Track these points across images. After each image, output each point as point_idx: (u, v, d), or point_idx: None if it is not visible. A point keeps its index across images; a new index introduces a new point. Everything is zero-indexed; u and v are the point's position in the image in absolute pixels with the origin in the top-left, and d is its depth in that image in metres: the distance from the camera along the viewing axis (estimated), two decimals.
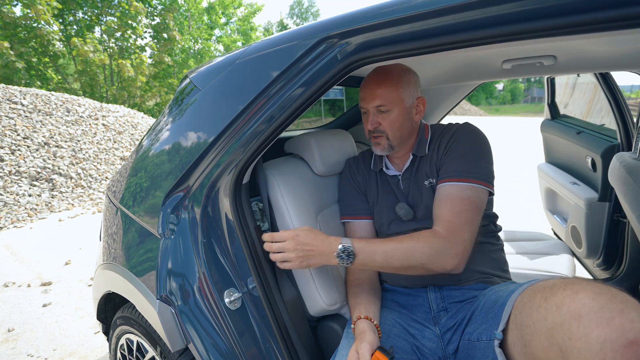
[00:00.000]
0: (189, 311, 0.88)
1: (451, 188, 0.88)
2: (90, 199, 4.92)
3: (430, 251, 0.81)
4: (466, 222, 0.84)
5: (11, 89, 5.90)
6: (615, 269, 1.74)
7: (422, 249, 0.82)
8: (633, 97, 10.88)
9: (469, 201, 0.85)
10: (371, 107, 0.95)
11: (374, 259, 0.84)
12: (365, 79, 0.99)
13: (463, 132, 0.95)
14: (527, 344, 0.60)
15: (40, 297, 2.51)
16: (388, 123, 0.95)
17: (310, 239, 0.84)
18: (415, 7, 0.62)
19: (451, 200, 0.86)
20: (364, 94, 0.97)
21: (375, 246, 0.85)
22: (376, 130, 0.96)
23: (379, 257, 0.84)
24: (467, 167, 0.88)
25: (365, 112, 0.98)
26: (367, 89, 0.96)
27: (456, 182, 0.87)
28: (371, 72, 0.99)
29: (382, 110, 0.94)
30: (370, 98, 0.95)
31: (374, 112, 0.96)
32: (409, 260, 0.82)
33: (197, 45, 19.09)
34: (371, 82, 0.96)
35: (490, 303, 0.78)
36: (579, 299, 0.53)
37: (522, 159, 7.42)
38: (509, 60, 1.11)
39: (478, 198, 0.86)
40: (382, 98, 0.93)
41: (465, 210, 0.84)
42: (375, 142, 0.98)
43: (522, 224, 3.60)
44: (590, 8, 0.51)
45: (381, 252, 0.83)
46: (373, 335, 0.79)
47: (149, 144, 1.13)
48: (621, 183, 1.31)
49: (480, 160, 0.89)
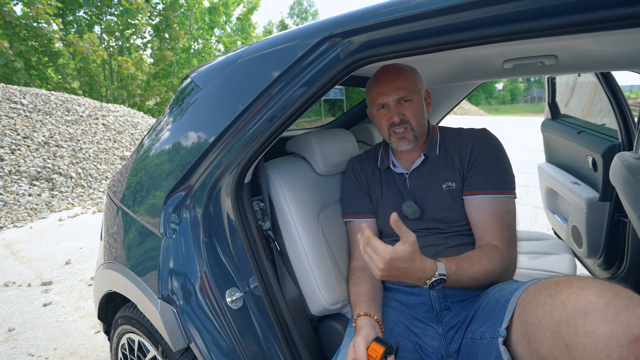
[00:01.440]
0: (191, 310, 0.88)
1: (494, 202, 0.92)
2: (91, 199, 4.92)
3: (502, 270, 0.86)
4: (514, 235, 0.92)
5: (11, 88, 5.90)
6: (616, 269, 1.74)
7: (495, 269, 0.85)
8: (633, 96, 10.88)
9: (512, 214, 0.93)
10: (393, 100, 0.96)
11: (457, 282, 0.83)
12: (379, 76, 0.99)
13: (488, 139, 0.98)
14: (532, 341, 0.60)
15: (41, 296, 2.51)
16: (411, 112, 0.97)
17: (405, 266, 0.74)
18: (418, 6, 0.62)
19: (498, 215, 0.91)
20: (383, 89, 0.97)
21: (463, 272, 0.82)
22: (402, 121, 0.96)
23: (464, 281, 0.83)
24: (502, 177, 0.94)
25: (385, 107, 0.98)
26: (386, 83, 0.96)
27: (496, 194, 0.92)
28: (382, 69, 1.00)
29: (405, 100, 0.96)
30: (391, 91, 0.96)
31: (395, 104, 0.96)
32: (487, 280, 0.85)
33: (198, 45, 19.08)
34: (388, 76, 0.97)
35: (493, 301, 0.78)
36: (585, 295, 0.53)
37: (522, 158, 7.42)
38: (510, 60, 1.11)
39: (514, 208, 0.94)
40: (405, 89, 0.95)
41: (512, 224, 0.92)
42: (400, 136, 0.97)
43: (522, 224, 3.60)
44: (592, 7, 0.51)
45: (467, 278, 0.82)
46: (370, 330, 0.79)
47: (150, 144, 1.13)
48: (623, 183, 1.31)
49: (509, 170, 0.96)
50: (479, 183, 0.94)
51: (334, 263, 1.05)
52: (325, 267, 1.02)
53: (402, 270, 0.74)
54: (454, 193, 0.97)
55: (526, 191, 4.82)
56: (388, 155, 1.07)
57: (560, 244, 1.72)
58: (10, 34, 10.49)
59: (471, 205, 0.94)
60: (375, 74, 1.01)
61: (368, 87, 1.03)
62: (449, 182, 0.97)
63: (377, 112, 1.00)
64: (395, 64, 1.00)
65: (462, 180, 0.97)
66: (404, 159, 1.05)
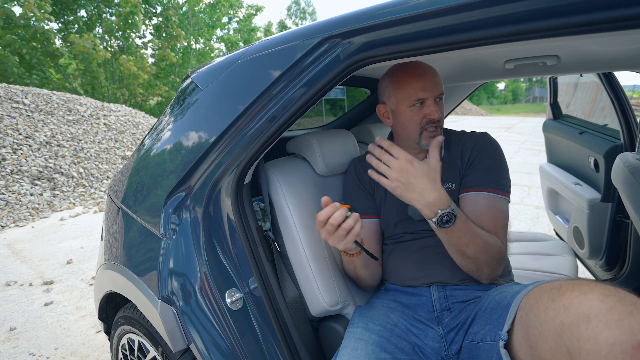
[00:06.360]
0: (191, 311, 0.88)
1: (489, 200, 0.91)
2: (92, 198, 4.93)
3: (499, 256, 0.86)
4: (506, 236, 0.91)
5: (13, 88, 5.92)
6: (618, 270, 1.73)
7: (494, 247, 0.85)
8: (635, 97, 10.84)
9: (505, 215, 0.92)
10: (434, 96, 0.94)
11: (461, 235, 0.81)
12: (413, 71, 0.94)
13: (487, 142, 0.99)
14: (534, 345, 0.59)
15: (42, 296, 2.52)
16: (442, 112, 0.96)
17: (422, 179, 0.72)
18: (419, 6, 0.62)
19: (492, 212, 0.90)
20: (425, 84, 0.92)
21: (469, 226, 0.82)
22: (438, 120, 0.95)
23: (466, 238, 0.81)
24: (498, 178, 0.93)
25: (423, 103, 0.94)
26: (427, 78, 0.93)
27: (491, 193, 0.91)
28: (414, 64, 0.95)
29: (440, 99, 0.95)
30: (433, 87, 0.93)
31: (434, 101, 0.94)
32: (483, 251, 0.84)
33: (198, 45, 19.10)
34: (428, 71, 0.94)
35: (494, 304, 0.78)
36: (588, 300, 0.53)
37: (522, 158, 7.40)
38: (512, 60, 1.10)
39: (507, 211, 0.94)
40: (441, 87, 0.95)
41: (505, 225, 0.91)
42: (435, 134, 0.95)
43: (523, 224, 3.59)
44: (594, 8, 0.50)
45: (469, 236, 0.81)
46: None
47: (151, 144, 1.13)
48: (624, 184, 1.30)
49: (505, 173, 0.96)
50: (475, 180, 0.94)
51: (333, 264, 1.05)
52: (325, 268, 1.02)
53: (418, 183, 0.72)
54: (453, 194, 0.96)
55: (528, 191, 4.81)
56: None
57: (562, 244, 1.72)
58: (10, 34, 10.52)
59: (466, 201, 0.94)
60: (405, 68, 0.95)
61: (399, 81, 0.95)
62: (449, 183, 0.97)
63: (411, 108, 0.94)
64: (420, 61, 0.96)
65: (460, 180, 0.97)
66: None
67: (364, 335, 0.84)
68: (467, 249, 0.83)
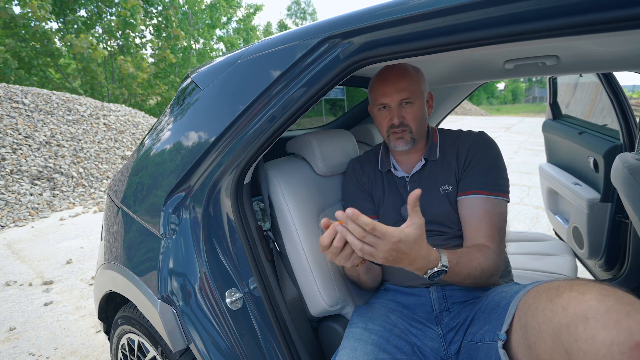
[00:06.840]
0: (190, 311, 0.88)
1: (487, 203, 0.91)
2: (92, 198, 4.93)
3: (494, 270, 0.86)
4: (504, 238, 0.92)
5: (13, 88, 5.91)
6: (617, 270, 1.73)
7: (490, 268, 0.85)
8: (635, 97, 10.85)
9: (503, 217, 0.92)
10: (395, 102, 0.95)
11: (455, 277, 0.80)
12: (381, 76, 0.98)
13: (484, 142, 0.98)
14: (532, 345, 0.59)
15: (42, 296, 2.52)
16: (412, 116, 0.96)
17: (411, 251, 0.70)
18: (419, 6, 0.62)
19: (490, 216, 0.90)
20: (386, 90, 0.96)
21: (462, 267, 0.80)
22: (401, 124, 0.96)
23: (461, 276, 0.81)
24: (495, 179, 0.93)
25: (386, 108, 0.98)
26: (389, 83, 0.95)
27: (489, 195, 0.91)
28: (385, 69, 0.99)
29: (407, 103, 0.95)
30: (394, 92, 0.94)
31: (397, 106, 0.96)
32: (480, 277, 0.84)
33: (198, 45, 19.09)
34: (391, 76, 0.96)
35: (493, 304, 0.78)
36: (586, 300, 0.53)
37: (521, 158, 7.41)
38: (512, 61, 1.11)
39: (506, 212, 0.94)
40: (408, 91, 0.94)
41: (502, 227, 0.91)
42: (398, 137, 0.97)
43: (523, 224, 3.59)
44: (594, 8, 0.50)
45: (464, 273, 0.80)
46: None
47: (151, 144, 1.13)
48: (624, 184, 1.30)
49: (503, 173, 0.96)
50: (472, 183, 0.94)
51: (333, 264, 1.05)
52: (324, 268, 1.02)
53: (408, 255, 0.71)
54: (450, 196, 0.97)
55: (527, 191, 4.81)
56: (389, 158, 1.07)
57: (561, 244, 1.72)
58: (11, 33, 10.52)
59: (464, 204, 0.94)
60: (380, 72, 1.00)
61: (371, 84, 1.02)
62: (446, 185, 0.97)
63: (378, 111, 1.00)
64: (401, 63, 0.98)
65: (457, 182, 0.97)
66: (404, 162, 1.05)
67: (363, 335, 0.84)
68: (463, 282, 0.84)
